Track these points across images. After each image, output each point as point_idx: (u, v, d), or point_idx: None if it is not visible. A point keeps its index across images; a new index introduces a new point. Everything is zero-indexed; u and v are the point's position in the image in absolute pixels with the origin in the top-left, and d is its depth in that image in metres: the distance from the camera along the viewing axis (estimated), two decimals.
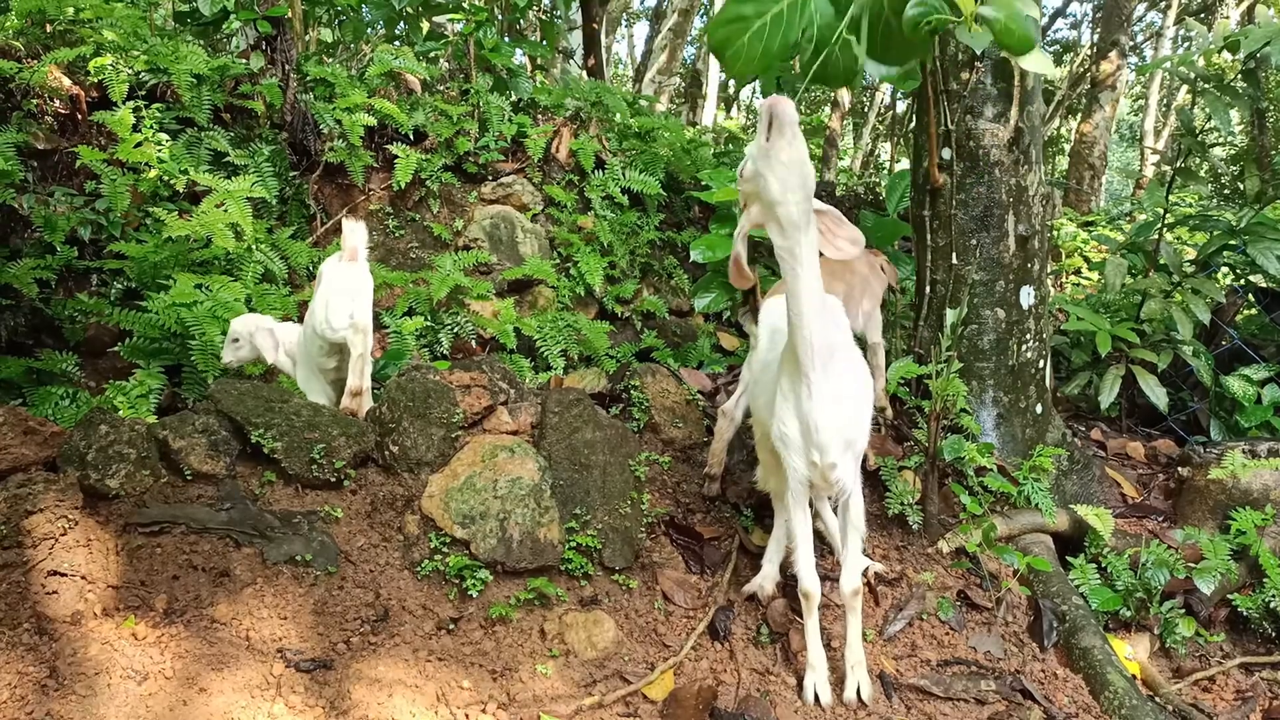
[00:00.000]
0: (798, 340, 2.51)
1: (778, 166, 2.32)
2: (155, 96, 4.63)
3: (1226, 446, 3.88)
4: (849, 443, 2.67)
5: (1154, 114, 16.39)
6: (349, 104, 5.22)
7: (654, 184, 5.83)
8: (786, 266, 2.44)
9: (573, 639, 2.87)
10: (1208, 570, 3.41)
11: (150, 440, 2.86)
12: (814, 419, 2.58)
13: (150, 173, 4.28)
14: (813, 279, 2.45)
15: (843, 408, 2.61)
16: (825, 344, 2.53)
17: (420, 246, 5.36)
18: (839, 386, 2.60)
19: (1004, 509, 3.68)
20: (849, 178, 15.32)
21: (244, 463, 3.04)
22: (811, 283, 2.45)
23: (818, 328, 2.49)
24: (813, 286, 2.45)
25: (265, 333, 3.59)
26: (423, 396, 3.24)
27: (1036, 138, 3.91)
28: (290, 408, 3.12)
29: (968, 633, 3.26)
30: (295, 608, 2.69)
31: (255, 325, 3.62)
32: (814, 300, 2.47)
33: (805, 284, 2.44)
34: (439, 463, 3.19)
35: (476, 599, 2.91)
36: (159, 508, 2.77)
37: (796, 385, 2.59)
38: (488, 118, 5.73)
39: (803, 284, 2.44)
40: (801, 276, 2.44)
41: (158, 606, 2.55)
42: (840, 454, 2.64)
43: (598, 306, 5.57)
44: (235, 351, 3.63)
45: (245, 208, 4.27)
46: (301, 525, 2.90)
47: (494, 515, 3.01)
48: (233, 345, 3.62)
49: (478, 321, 4.89)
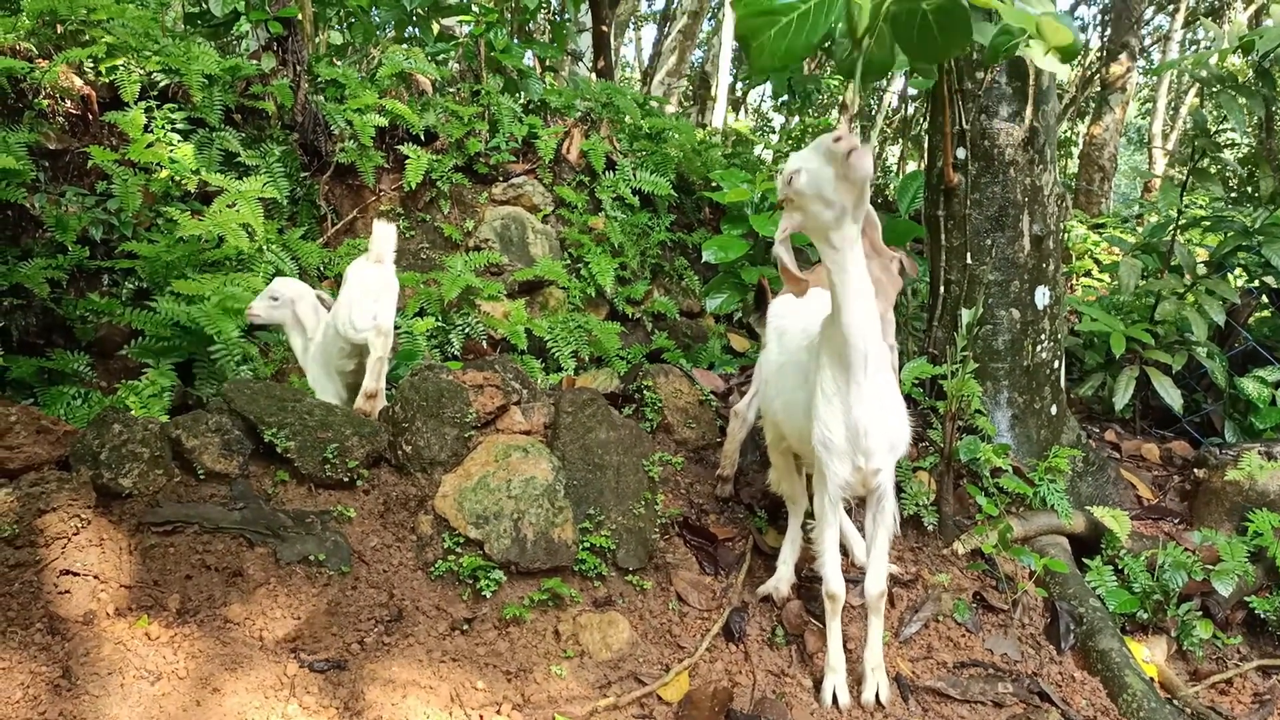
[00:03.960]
0: (848, 347, 2.46)
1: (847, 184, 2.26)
2: (167, 97, 4.63)
3: (1243, 448, 3.85)
4: (893, 446, 2.64)
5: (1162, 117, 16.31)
6: (360, 105, 5.22)
7: (665, 185, 5.82)
8: (836, 274, 2.40)
9: (587, 640, 2.86)
10: (1225, 572, 3.38)
11: (163, 439, 2.85)
12: (863, 424, 2.54)
13: (162, 173, 4.28)
14: (863, 284, 2.42)
15: (888, 411, 2.59)
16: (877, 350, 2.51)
17: (431, 247, 5.35)
18: (883, 389, 2.57)
19: (1020, 510, 3.66)
20: None
21: (257, 462, 3.02)
22: (863, 288, 2.42)
23: (870, 334, 2.46)
24: (864, 292, 2.42)
25: (311, 304, 3.53)
26: (436, 396, 3.23)
27: (1051, 137, 3.89)
28: (303, 407, 3.10)
29: (984, 635, 3.23)
30: (309, 608, 2.67)
31: (302, 291, 3.54)
32: (865, 307, 2.43)
33: (855, 290, 2.40)
34: (452, 462, 3.18)
35: (490, 600, 2.89)
36: (172, 507, 2.76)
37: (843, 390, 2.55)
38: (498, 119, 5.72)
39: (852, 291, 2.40)
40: (851, 285, 2.40)
41: (171, 606, 2.53)
42: (885, 457, 2.62)
43: (609, 307, 5.56)
44: (270, 309, 3.52)
45: (257, 208, 4.27)
46: (315, 525, 2.88)
47: (508, 515, 3.00)
48: (270, 301, 3.52)
49: (489, 322, 4.88)
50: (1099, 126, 9.83)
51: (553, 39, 8.12)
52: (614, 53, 12.99)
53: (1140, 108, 19.43)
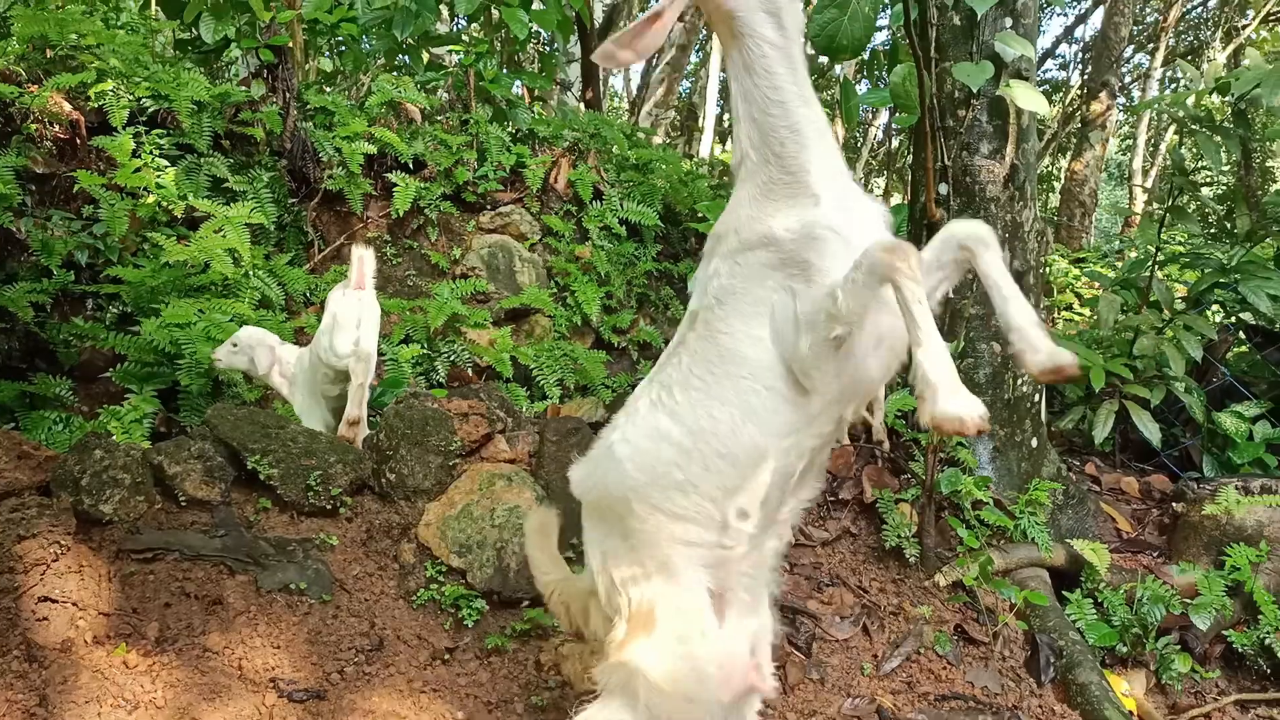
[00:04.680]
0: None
1: None
2: (156, 123, 4.65)
3: (1220, 482, 3.89)
4: None
5: (1142, 154, 16.60)
6: (349, 132, 5.25)
7: (651, 215, 5.87)
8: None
9: (569, 670, 2.84)
10: (1203, 606, 3.40)
11: (145, 466, 2.84)
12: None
13: (149, 198, 4.29)
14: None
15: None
16: None
17: (418, 274, 5.37)
18: None
19: (1000, 543, 3.67)
20: None
21: (239, 489, 3.02)
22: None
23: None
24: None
25: (266, 349, 3.60)
26: (420, 424, 3.23)
27: (1031, 174, 3.95)
28: (287, 434, 3.10)
29: (965, 667, 3.24)
30: (289, 637, 2.66)
31: (260, 340, 3.64)
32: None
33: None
34: (436, 491, 3.18)
35: (472, 629, 2.88)
36: (152, 534, 2.75)
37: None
38: (486, 148, 5.76)
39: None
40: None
41: (149, 634, 2.52)
42: None
43: (594, 336, 5.59)
44: (231, 356, 3.64)
45: (243, 234, 4.28)
46: (296, 553, 2.87)
47: (491, 544, 3.00)
48: (231, 349, 3.64)
49: (474, 350, 4.89)
50: (1080, 163, 9.97)
51: (542, 69, 8.19)
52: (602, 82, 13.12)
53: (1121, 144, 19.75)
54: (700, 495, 1.92)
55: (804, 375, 1.83)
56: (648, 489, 1.94)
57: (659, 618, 1.92)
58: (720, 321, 1.92)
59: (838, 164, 1.93)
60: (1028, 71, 3.77)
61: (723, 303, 1.92)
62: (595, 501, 2.10)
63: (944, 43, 3.84)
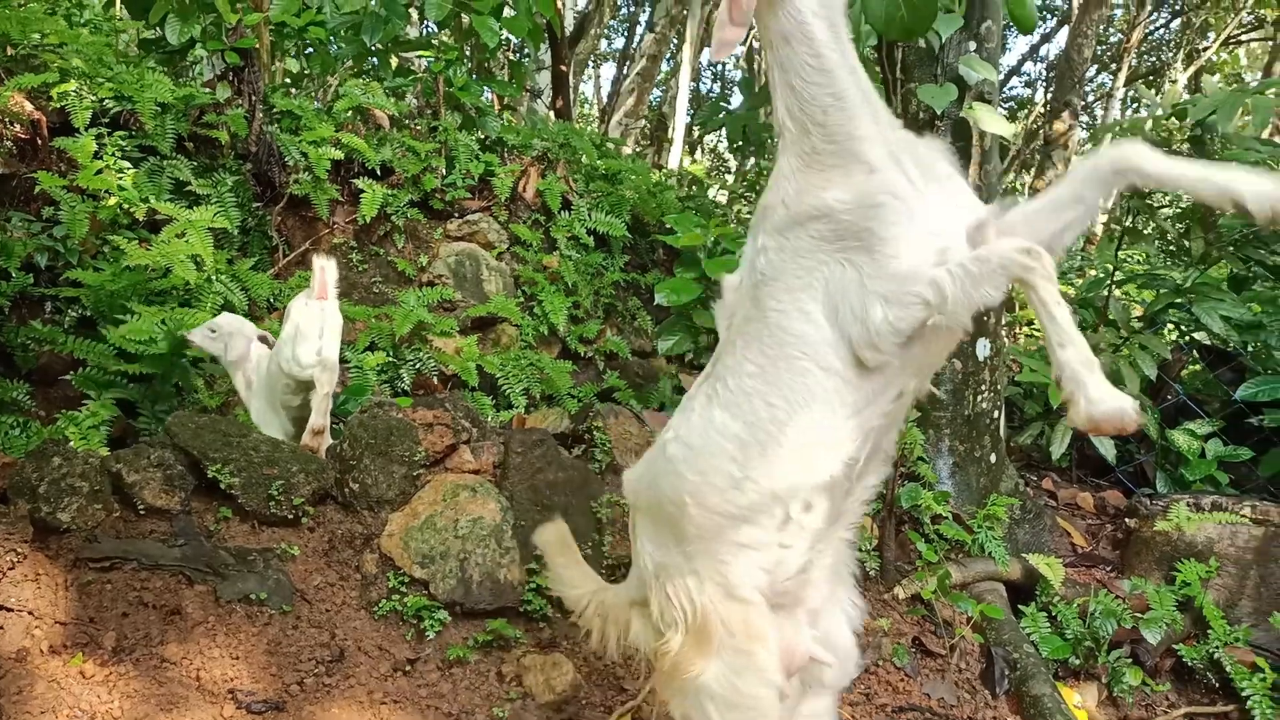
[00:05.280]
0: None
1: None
2: (118, 124, 4.59)
3: (1172, 499, 3.98)
4: None
5: None
6: (316, 137, 5.21)
7: (619, 226, 5.88)
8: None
9: (530, 682, 2.85)
10: (1154, 620, 3.49)
11: (103, 473, 2.81)
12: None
13: (110, 200, 4.23)
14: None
15: None
16: None
17: (384, 281, 5.34)
18: None
19: (959, 557, 3.74)
20: None
21: (199, 498, 2.99)
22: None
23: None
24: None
25: (243, 339, 3.54)
26: (385, 434, 3.23)
27: (994, 195, 4.02)
28: (249, 443, 3.08)
29: (922, 679, 3.29)
30: (248, 648, 2.64)
31: (238, 328, 3.57)
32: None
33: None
34: (399, 501, 3.17)
35: (434, 640, 2.88)
36: (111, 543, 2.72)
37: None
38: (455, 155, 5.75)
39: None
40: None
41: (107, 644, 2.49)
42: None
43: (561, 346, 5.59)
44: (206, 340, 3.55)
45: (206, 238, 4.23)
46: (257, 563, 2.86)
47: (454, 555, 3.00)
48: (208, 334, 3.55)
49: (440, 358, 4.87)
50: (1042, 182, 10.15)
51: (512, 77, 8.20)
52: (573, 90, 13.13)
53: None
54: (759, 491, 1.84)
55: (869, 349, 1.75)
56: (704, 490, 1.87)
57: (716, 631, 1.87)
58: (770, 299, 1.84)
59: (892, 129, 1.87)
60: (990, 94, 3.85)
61: (773, 279, 1.85)
62: (648, 506, 2.02)
63: (909, 64, 3.91)
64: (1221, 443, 4.62)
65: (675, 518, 1.92)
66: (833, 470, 1.84)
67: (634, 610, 2.10)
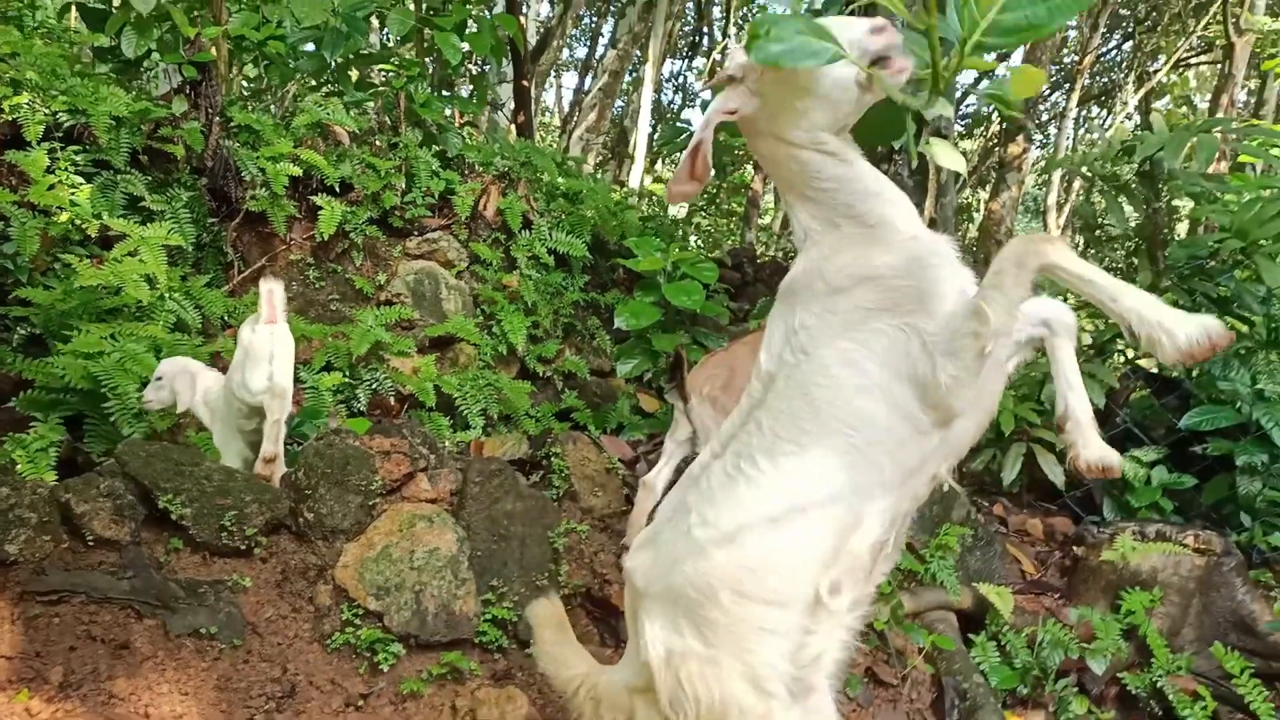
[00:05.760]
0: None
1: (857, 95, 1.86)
2: (72, 138, 4.51)
3: (1118, 527, 4.07)
4: None
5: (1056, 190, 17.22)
6: (274, 153, 5.16)
7: (580, 246, 5.90)
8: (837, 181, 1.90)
9: (485, 716, 2.84)
10: (1099, 650, 3.56)
11: (52, 504, 2.76)
12: None
13: (62, 216, 4.15)
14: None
15: None
16: None
17: (341, 299, 5.30)
18: None
19: (911, 586, 3.78)
20: (768, 236, 15.74)
21: (150, 528, 2.94)
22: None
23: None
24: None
25: (186, 376, 3.48)
26: (341, 462, 3.20)
27: (949, 228, 4.10)
28: (201, 471, 3.04)
29: (874, 710, 3.32)
30: (197, 683, 2.61)
31: (180, 368, 3.51)
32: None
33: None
34: (355, 531, 3.15)
35: (388, 673, 2.86)
36: (58, 575, 2.67)
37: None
38: (415, 172, 5.72)
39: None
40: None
41: (53, 679, 2.45)
42: None
43: (519, 365, 5.58)
44: (157, 392, 3.49)
45: (160, 255, 4.17)
46: (207, 595, 2.82)
47: (409, 587, 2.98)
48: (155, 385, 3.49)
49: (397, 378, 4.84)
50: (996, 203, 10.32)
51: (473, 93, 8.17)
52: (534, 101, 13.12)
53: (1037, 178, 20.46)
54: (794, 572, 1.80)
55: (942, 407, 1.74)
56: (737, 573, 1.81)
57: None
58: (817, 375, 1.81)
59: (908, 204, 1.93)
60: (947, 130, 3.92)
61: (815, 356, 1.82)
62: (664, 592, 1.93)
63: None
64: (1166, 470, 4.73)
65: (698, 603, 1.85)
66: (861, 554, 1.83)
67: (637, 698, 2.02)
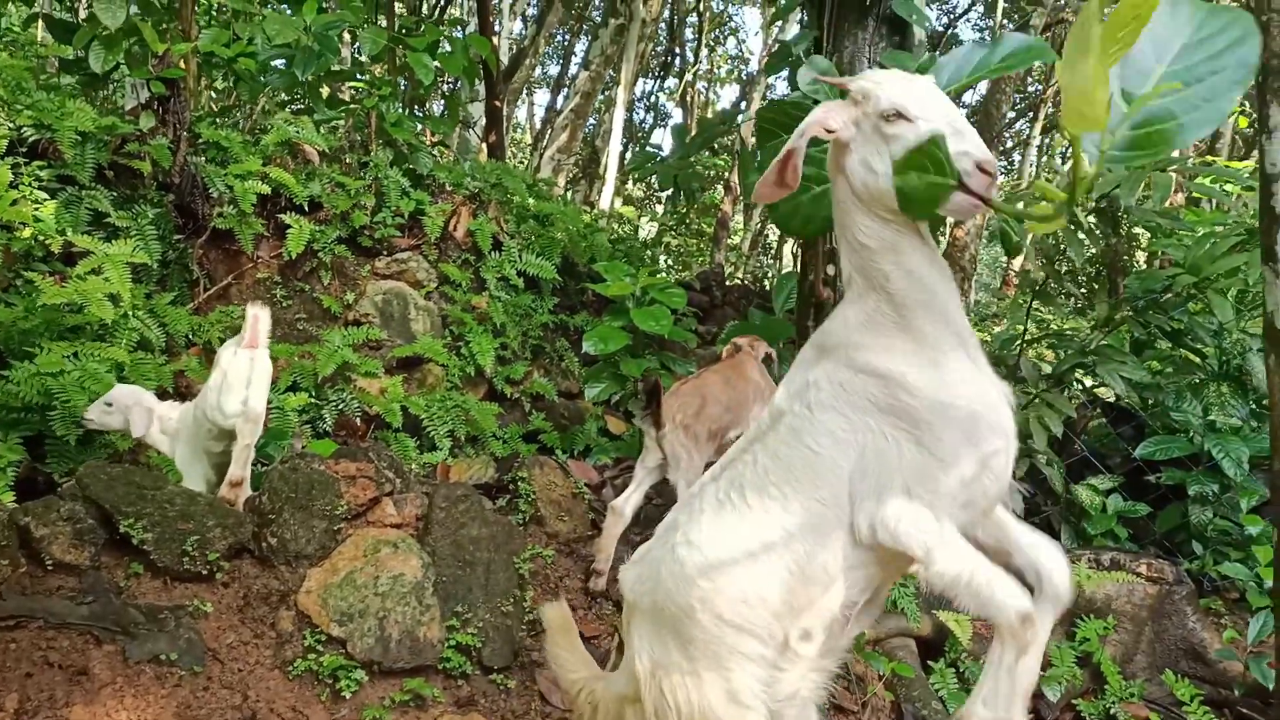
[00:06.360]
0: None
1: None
2: (36, 153, 4.47)
3: (1074, 555, 4.14)
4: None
5: None
6: (242, 170, 5.14)
7: (549, 268, 5.92)
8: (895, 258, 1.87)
9: None
10: (1055, 678, 3.62)
11: (10, 527, 2.73)
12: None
13: (25, 232, 4.11)
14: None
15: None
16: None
17: (308, 319, 5.27)
18: None
19: None
20: (738, 256, 15.87)
21: (110, 552, 2.92)
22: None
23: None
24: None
25: (143, 410, 3.46)
26: (306, 487, 3.19)
27: None
28: (164, 495, 3.01)
29: None
30: (156, 710, 2.58)
31: (136, 400, 3.48)
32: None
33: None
34: (319, 556, 3.13)
35: (350, 700, 2.85)
36: (16, 600, 2.64)
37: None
38: (386, 192, 5.72)
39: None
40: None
41: (8, 707, 2.41)
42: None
43: (487, 386, 5.57)
44: (104, 416, 3.45)
45: (124, 273, 4.13)
46: (168, 621, 2.79)
47: (373, 613, 2.97)
48: (104, 409, 3.45)
49: (364, 399, 4.82)
50: (961, 230, 10.47)
51: (445, 111, 8.18)
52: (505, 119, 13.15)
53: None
54: (766, 609, 1.86)
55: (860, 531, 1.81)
56: (714, 599, 1.87)
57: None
58: (810, 435, 1.87)
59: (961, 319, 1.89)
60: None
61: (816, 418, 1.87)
62: (651, 606, 2.00)
63: None
64: (1121, 498, 4.83)
65: (680, 620, 1.92)
66: (832, 610, 1.89)
67: (627, 707, 2.07)
